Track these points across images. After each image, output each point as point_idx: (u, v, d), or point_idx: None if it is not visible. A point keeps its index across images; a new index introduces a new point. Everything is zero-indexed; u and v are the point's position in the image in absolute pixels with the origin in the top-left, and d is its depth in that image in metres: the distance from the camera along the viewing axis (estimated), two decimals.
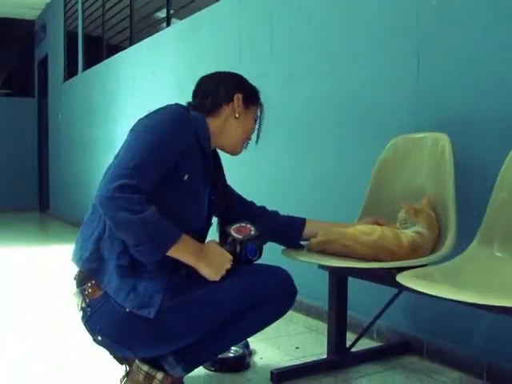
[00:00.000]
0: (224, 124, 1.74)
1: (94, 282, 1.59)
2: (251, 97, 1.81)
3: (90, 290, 1.59)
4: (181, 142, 1.58)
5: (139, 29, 5.23)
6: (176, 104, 1.67)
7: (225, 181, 1.87)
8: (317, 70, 2.78)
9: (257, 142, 1.85)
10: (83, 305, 1.61)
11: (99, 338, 1.62)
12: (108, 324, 1.58)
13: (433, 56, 2.15)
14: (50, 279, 3.54)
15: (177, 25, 4.41)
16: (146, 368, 1.64)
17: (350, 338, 2.15)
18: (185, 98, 1.79)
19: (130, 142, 1.57)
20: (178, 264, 1.54)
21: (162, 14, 4.74)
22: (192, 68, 3.93)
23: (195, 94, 1.79)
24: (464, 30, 2.04)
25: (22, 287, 3.40)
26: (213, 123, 1.71)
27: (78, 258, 1.62)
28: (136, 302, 1.51)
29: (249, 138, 1.83)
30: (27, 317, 2.73)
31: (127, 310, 1.52)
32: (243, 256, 1.64)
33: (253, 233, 1.67)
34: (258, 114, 1.83)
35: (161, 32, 4.60)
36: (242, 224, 1.70)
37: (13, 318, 2.71)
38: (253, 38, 3.30)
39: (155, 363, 1.66)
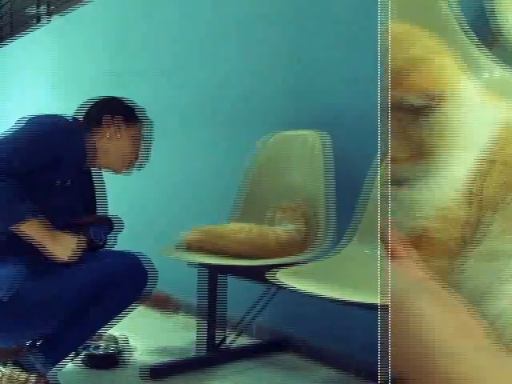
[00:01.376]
0: (105, 145, 1.80)
1: None
2: (129, 117, 1.83)
3: None
4: (58, 146, 1.65)
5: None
6: (73, 118, 1.78)
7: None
8: (190, 63, 2.75)
9: (141, 163, 1.89)
10: None
11: None
12: None
13: (308, 55, 2.16)
14: None
15: (51, 23, 4.21)
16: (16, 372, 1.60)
17: (227, 335, 2.16)
18: (58, 96, 1.76)
19: (14, 130, 1.67)
20: (35, 250, 1.58)
21: (33, 10, 4.52)
22: (64, 66, 3.75)
23: (84, 117, 1.83)
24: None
25: None
26: (97, 143, 1.78)
27: None
28: None
29: (131, 159, 1.86)
30: None
31: None
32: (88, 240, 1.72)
33: (91, 219, 1.79)
34: (141, 133, 1.86)
35: (32, 28, 4.37)
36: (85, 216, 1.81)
37: None
38: (124, 34, 3.24)
39: (27, 366, 1.63)
